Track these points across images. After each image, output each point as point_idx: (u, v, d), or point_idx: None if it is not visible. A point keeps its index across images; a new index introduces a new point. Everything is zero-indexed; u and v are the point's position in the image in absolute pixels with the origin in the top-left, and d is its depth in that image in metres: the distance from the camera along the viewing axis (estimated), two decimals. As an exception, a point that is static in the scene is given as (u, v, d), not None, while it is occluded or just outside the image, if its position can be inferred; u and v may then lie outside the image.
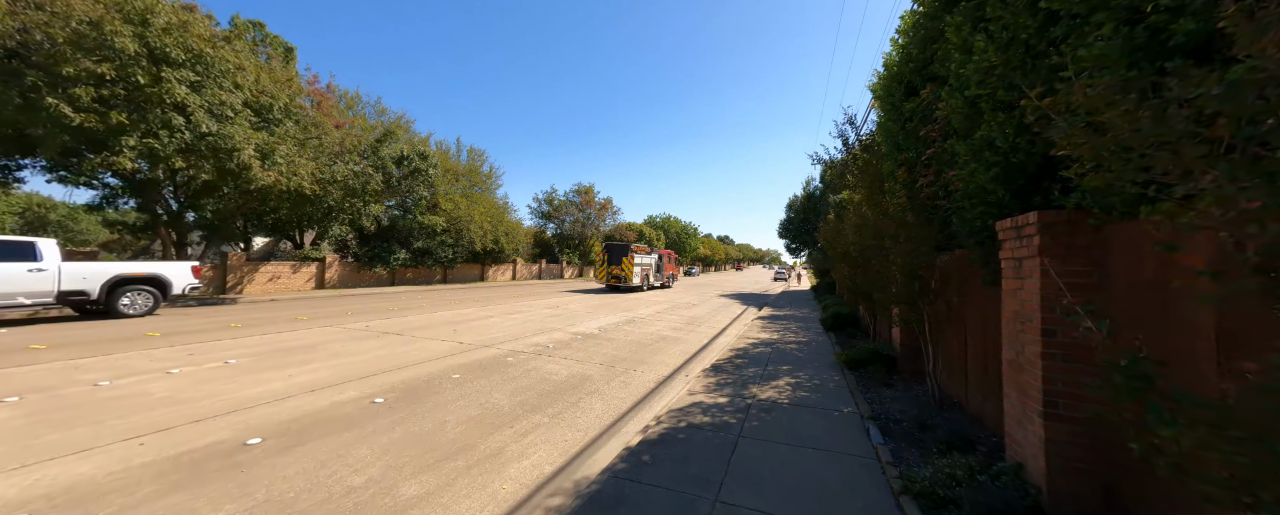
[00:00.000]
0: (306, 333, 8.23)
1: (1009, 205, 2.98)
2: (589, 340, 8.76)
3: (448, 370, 5.94)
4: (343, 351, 6.73)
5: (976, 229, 3.28)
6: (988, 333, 3.86)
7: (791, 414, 4.50)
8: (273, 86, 11.90)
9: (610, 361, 7.02)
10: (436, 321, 10.28)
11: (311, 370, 5.59)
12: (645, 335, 9.68)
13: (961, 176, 3.37)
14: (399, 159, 15.95)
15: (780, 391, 5.38)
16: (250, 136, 10.76)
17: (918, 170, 5.15)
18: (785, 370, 6.54)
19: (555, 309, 13.89)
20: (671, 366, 6.92)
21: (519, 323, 10.62)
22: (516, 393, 5.15)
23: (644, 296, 20.07)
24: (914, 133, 4.94)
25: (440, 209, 24.06)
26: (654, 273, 23.10)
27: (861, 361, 6.29)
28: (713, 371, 6.39)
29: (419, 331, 8.80)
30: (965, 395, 4.38)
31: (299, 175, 12.02)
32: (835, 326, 10.29)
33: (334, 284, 19.40)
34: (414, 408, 4.42)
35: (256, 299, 14.13)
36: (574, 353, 7.50)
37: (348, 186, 14.90)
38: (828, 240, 10.27)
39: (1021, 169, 2.84)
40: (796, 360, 7.25)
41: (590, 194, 45.32)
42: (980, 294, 4.00)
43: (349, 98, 22.25)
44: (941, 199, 4.44)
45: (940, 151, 4.30)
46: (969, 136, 3.44)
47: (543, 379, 5.80)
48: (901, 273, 4.40)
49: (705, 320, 12.88)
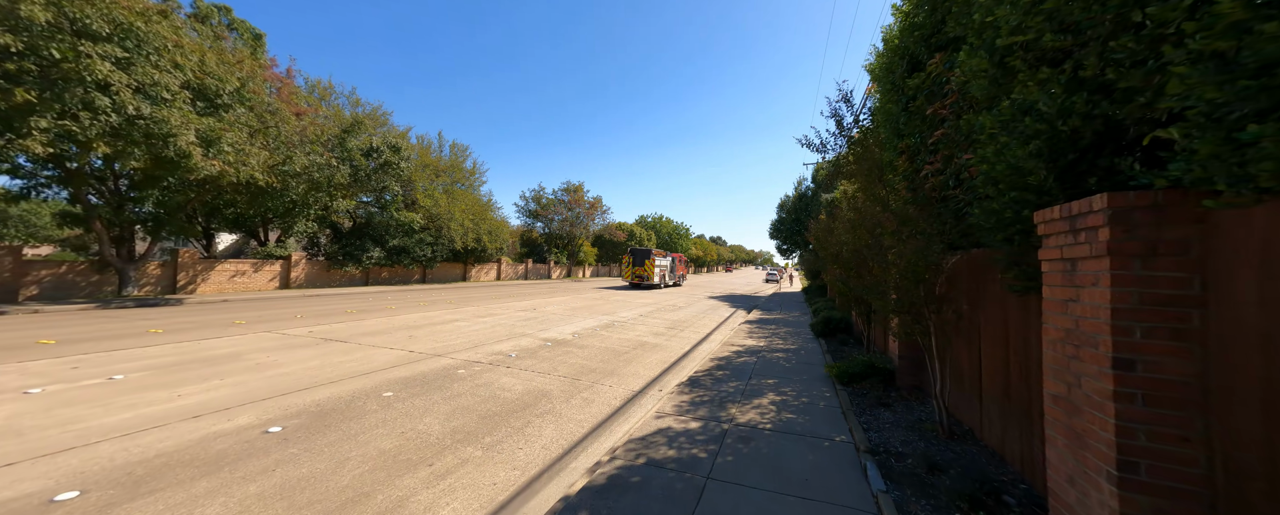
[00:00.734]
0: (237, 339, 7.33)
1: (1051, 190, 2.29)
2: (559, 347, 7.99)
3: (381, 386, 5.12)
4: (265, 363, 5.87)
5: (1005, 222, 2.58)
6: (1011, 348, 3.17)
7: (774, 444, 3.77)
8: (220, 68, 10.91)
9: (576, 373, 6.25)
10: (394, 326, 9.41)
11: (210, 388, 4.73)
12: (622, 341, 8.93)
13: (984, 157, 2.67)
14: (368, 151, 14.98)
15: (763, 412, 4.66)
16: (190, 121, 9.78)
17: (921, 157, 4.48)
18: (770, 384, 5.83)
19: (532, 312, 13.08)
20: (644, 379, 6.18)
21: (487, 327, 9.80)
22: (454, 415, 4.37)
23: (631, 298, 19.42)
24: (919, 113, 4.26)
25: (418, 205, 23.04)
26: (668, 273, 28.57)
27: (855, 375, 5.61)
28: (689, 386, 5.66)
29: (369, 337, 7.94)
30: (979, 422, 3.69)
31: (249, 165, 11.04)
32: (826, 332, 9.64)
33: (300, 283, 18.32)
34: (315, 440, 3.61)
35: (207, 300, 13.09)
36: (538, 363, 6.72)
37: (311, 179, 13.90)
38: (819, 240, 9.62)
39: (1072, 140, 2.15)
40: (783, 372, 6.56)
41: (579, 192, 44.44)
42: (999, 301, 3.31)
43: (321, 87, 21.15)
44: (951, 189, 3.76)
45: (952, 131, 3.62)
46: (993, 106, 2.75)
47: (492, 396, 5.01)
48: (903, 276, 3.70)
49: (690, 324, 12.16)
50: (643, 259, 25.48)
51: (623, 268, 26.99)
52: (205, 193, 12.68)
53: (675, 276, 30.63)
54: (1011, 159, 2.41)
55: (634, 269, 25.77)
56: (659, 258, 26.17)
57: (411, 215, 21.04)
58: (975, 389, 3.77)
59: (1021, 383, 3.02)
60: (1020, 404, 3.02)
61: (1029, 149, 2.25)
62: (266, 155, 11.64)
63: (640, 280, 25.47)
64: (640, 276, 25.35)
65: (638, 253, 25.88)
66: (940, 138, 3.80)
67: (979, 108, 3.09)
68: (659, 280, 26.26)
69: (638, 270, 25.60)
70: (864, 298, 7.79)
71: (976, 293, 3.73)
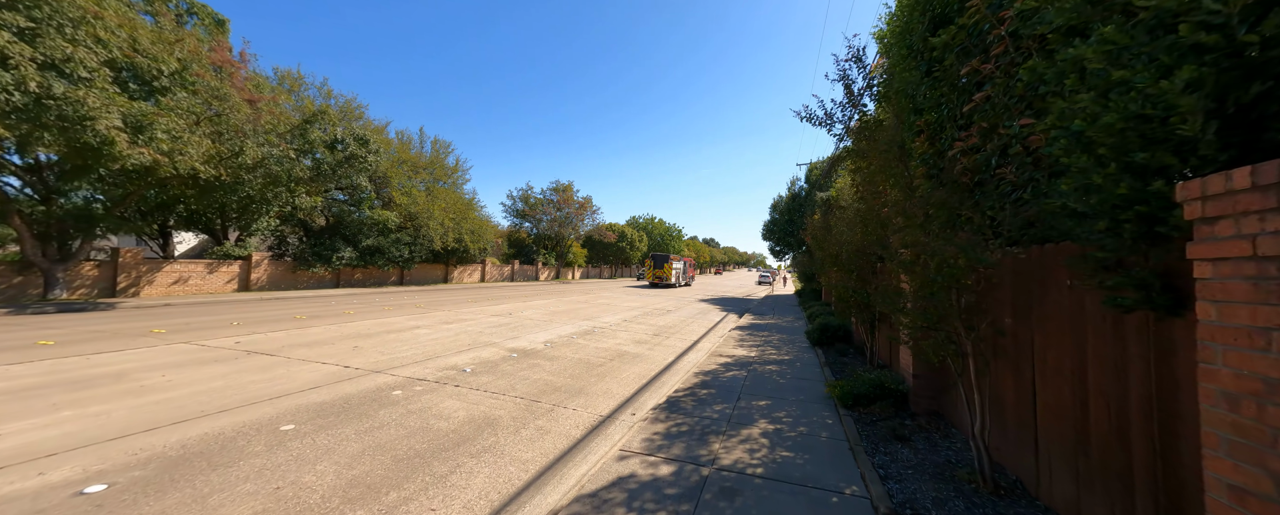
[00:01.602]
0: (138, 354, 6.27)
1: (1206, 148, 1.43)
2: (526, 359, 7.05)
3: (283, 416, 4.15)
4: (151, 386, 4.85)
5: (1114, 203, 1.72)
6: (1093, 386, 2.32)
7: (766, 501, 2.89)
8: (156, 47, 9.80)
9: (537, 393, 5.33)
10: (343, 334, 8.39)
11: (48, 424, 3.72)
12: (599, 351, 8.01)
13: (1068, 111, 1.82)
14: (332, 143, 13.88)
15: (752, 449, 3.78)
16: (114, 103, 8.67)
17: (947, 134, 3.64)
18: (762, 407, 4.96)
19: (507, 317, 12.10)
20: (617, 400, 5.27)
21: (449, 335, 8.82)
22: (362, 457, 3.42)
23: (619, 300, 18.54)
24: (947, 78, 3.41)
25: (395, 203, 21.88)
26: (681, 275, 34.14)
27: (861, 397, 4.75)
28: (666, 411, 4.76)
29: (304, 349, 6.93)
30: (1035, 475, 2.84)
31: (189, 155, 9.92)
32: (823, 341, 8.81)
33: (262, 286, 17.09)
34: (143, 506, 2.64)
35: (147, 305, 11.91)
36: (495, 380, 5.78)
37: (269, 173, 12.78)
38: (815, 240, 8.79)
39: (1263, 63, 1.29)
40: (777, 390, 5.69)
41: (568, 192, 43.40)
42: (1068, 316, 2.46)
43: (291, 78, 19.95)
44: (996, 169, 2.91)
45: (999, 93, 2.77)
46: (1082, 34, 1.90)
47: (423, 427, 4.07)
48: (932, 281, 2.85)
49: (676, 331, 11.28)
50: (662, 263, 30.92)
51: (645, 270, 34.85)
52: (144, 185, 11.51)
53: (686, 277, 36.68)
54: (1131, 106, 1.55)
55: (655, 271, 31.10)
56: (675, 262, 31.90)
57: (386, 213, 19.86)
58: (1026, 429, 2.91)
59: (1113, 438, 2.16)
60: (1113, 466, 2.17)
61: (1180, 80, 1.38)
62: (209, 145, 10.51)
63: (659, 280, 30.71)
64: (660, 276, 30.73)
65: (658, 257, 31.25)
66: (980, 104, 2.95)
67: (1050, 47, 2.24)
68: (675, 280, 31.72)
69: (658, 272, 30.91)
70: (868, 304, 6.99)
71: (1026, 303, 2.88)
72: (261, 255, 16.87)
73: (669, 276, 30.54)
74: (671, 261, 31.03)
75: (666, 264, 30.64)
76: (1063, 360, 2.54)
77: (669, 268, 30.53)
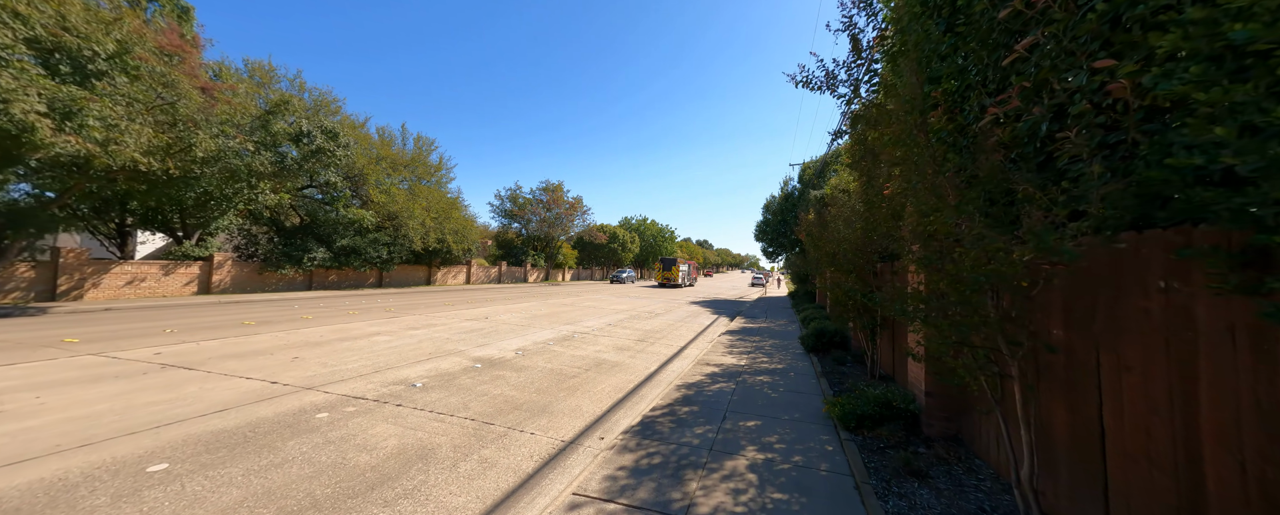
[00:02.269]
0: (30, 368, 5.41)
1: None
2: (490, 370, 6.30)
3: (158, 452, 3.36)
4: (13, 411, 4.02)
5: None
6: (1200, 421, 1.64)
7: (754, 574, 2.18)
8: (89, 26, 8.91)
9: (493, 412, 4.59)
10: (288, 343, 7.56)
11: None
12: (575, 360, 7.28)
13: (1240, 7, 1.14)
14: (297, 136, 12.97)
15: (737, 489, 3.08)
16: (34, 84, 7.77)
17: (971, 104, 2.98)
18: (751, 430, 4.26)
19: (482, 321, 11.31)
20: (585, 420, 4.54)
21: (410, 343, 8.02)
22: (238, 510, 2.65)
23: (607, 303, 17.82)
24: (975, 32, 2.75)
25: (372, 202, 20.93)
26: (686, 276, 39.01)
27: (865, 418, 4.07)
28: (639, 435, 4.04)
29: (235, 361, 6.11)
30: (1101, 534, 2.16)
31: (125, 144, 9.01)
32: (819, 347, 8.16)
33: (226, 288, 16.07)
34: None
35: (86, 309, 10.93)
36: (447, 397, 5.03)
37: (226, 167, 11.85)
38: (811, 238, 8.14)
39: None
40: (769, 407, 5.00)
41: (558, 192, 42.55)
42: (1167, 333, 1.79)
43: (262, 70, 18.94)
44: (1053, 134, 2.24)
45: (1062, 34, 2.10)
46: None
47: (335, 464, 3.31)
48: (966, 282, 2.17)
49: (663, 335, 10.57)
50: (670, 265, 36.01)
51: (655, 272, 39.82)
52: (84, 179, 10.54)
53: (691, 278, 42.24)
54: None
55: (664, 272, 36.00)
56: (681, 265, 37.31)
57: (361, 212, 18.90)
58: (1088, 477, 2.24)
59: (1253, 511, 1.48)
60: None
61: None
62: (151, 134, 9.59)
63: (668, 281, 35.63)
64: (668, 278, 35.71)
65: (666, 261, 36.31)
66: (1022, 55, 2.29)
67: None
68: (681, 281, 36.72)
69: (666, 274, 35.83)
70: (869, 308, 6.33)
71: (1086, 311, 2.21)
72: (224, 256, 15.84)
73: (676, 278, 35.85)
74: (679, 265, 36.69)
75: (674, 267, 36.03)
76: (1153, 391, 1.86)
77: (676, 270, 35.94)
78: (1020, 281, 2.00)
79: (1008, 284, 2.06)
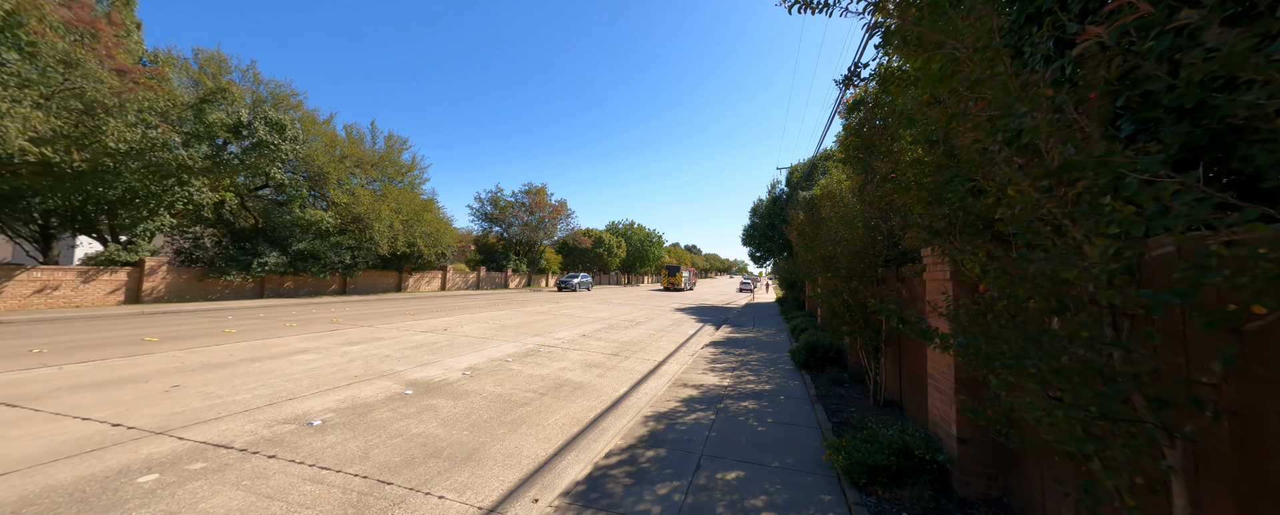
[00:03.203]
0: None
1: None
2: (421, 398, 5.19)
3: None
4: None
5: None
6: None
7: None
8: (-35, -8, 7.62)
9: (400, 462, 3.51)
10: (181, 365, 6.32)
11: None
12: (531, 381, 6.21)
13: None
14: (236, 127, 11.64)
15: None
16: (-124, 56, 6.46)
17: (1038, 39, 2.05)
18: (730, 485, 3.25)
19: (439, 333, 10.14)
20: (518, 473, 3.48)
21: (339, 363, 6.85)
22: None
23: (586, 311, 16.76)
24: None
25: (335, 203, 19.51)
26: (687, 281, 44.52)
27: (878, 471, 3.11)
28: (583, 499, 3.00)
29: (87, 392, 4.88)
30: None
31: (5, 129, 7.68)
32: (811, 363, 7.22)
33: (160, 296, 14.49)
34: None
35: (-25, 321, 9.41)
36: (347, 439, 3.92)
37: (151, 160, 10.49)
38: (803, 238, 7.25)
39: None
40: (755, 449, 4.01)
41: (542, 195, 41.26)
42: None
43: (213, 60, 17.50)
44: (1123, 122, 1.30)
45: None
46: None
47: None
48: (1100, 276, 1.21)
49: (641, 348, 9.54)
50: (675, 271, 41.36)
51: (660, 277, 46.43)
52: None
53: (691, 283, 47.49)
54: None
55: (668, 277, 41.19)
56: (683, 271, 42.55)
57: (320, 214, 17.48)
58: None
59: None
60: None
61: None
62: (40, 118, 8.26)
63: (672, 285, 40.67)
64: (672, 282, 40.84)
65: (671, 268, 41.88)
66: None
67: None
68: (683, 285, 41.82)
69: (671, 278, 40.99)
70: (871, 321, 5.42)
71: None
72: (157, 261, 14.27)
73: (679, 282, 41.05)
74: (681, 271, 42.01)
75: (677, 272, 41.28)
76: None
77: (680, 276, 41.30)
78: (1251, 302, 1.01)
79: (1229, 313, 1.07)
